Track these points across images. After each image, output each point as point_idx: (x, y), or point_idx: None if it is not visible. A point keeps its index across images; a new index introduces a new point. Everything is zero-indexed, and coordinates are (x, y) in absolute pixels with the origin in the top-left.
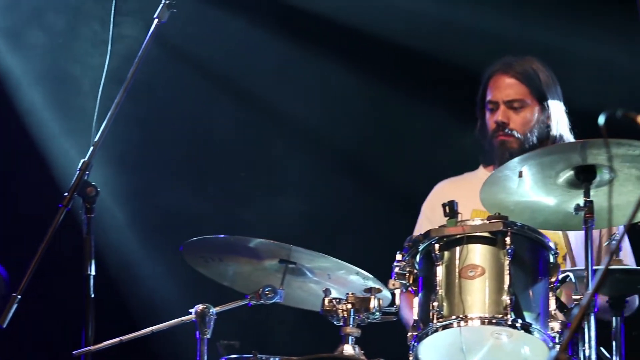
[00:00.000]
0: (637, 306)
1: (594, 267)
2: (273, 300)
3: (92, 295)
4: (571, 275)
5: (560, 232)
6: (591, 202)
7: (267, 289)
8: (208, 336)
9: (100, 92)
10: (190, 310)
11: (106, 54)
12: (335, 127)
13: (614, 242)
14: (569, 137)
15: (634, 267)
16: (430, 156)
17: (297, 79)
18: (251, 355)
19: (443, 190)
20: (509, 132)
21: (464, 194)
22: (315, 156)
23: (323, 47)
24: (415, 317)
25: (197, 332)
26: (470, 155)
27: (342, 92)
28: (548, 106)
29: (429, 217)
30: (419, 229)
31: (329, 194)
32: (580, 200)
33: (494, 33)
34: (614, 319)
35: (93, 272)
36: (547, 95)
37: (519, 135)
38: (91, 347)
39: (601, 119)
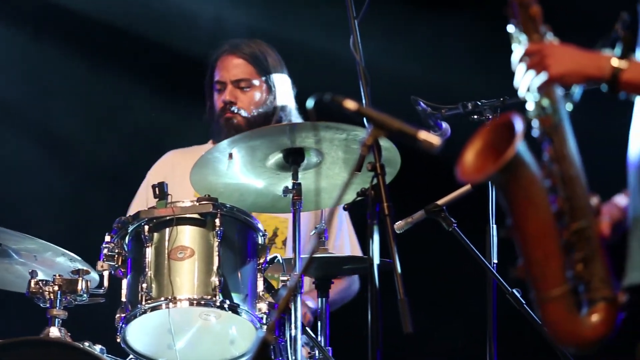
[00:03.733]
0: (358, 289)
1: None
2: None
3: None
4: (279, 256)
5: (288, 219)
6: (299, 184)
7: None
8: None
9: None
10: None
11: None
12: (43, 107)
13: (319, 230)
14: (296, 118)
15: (336, 254)
16: (148, 138)
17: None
18: None
19: (170, 159)
20: (236, 111)
21: (190, 165)
22: (24, 137)
23: (31, 25)
24: (124, 299)
25: None
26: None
27: (53, 71)
28: (274, 86)
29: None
30: (137, 199)
31: (37, 175)
32: (289, 183)
33: (219, 20)
34: (319, 300)
35: None
36: (273, 76)
37: (246, 115)
38: None
39: (310, 103)
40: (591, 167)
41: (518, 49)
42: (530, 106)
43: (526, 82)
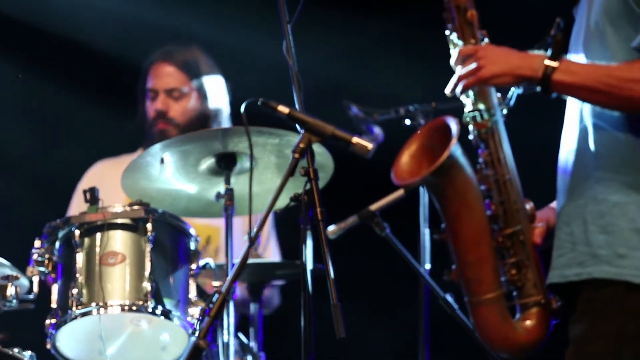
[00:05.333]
0: (278, 303)
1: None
2: None
3: None
4: (211, 262)
5: (220, 227)
6: (232, 189)
7: None
8: None
9: None
10: None
11: None
12: None
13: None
14: (231, 123)
15: (267, 260)
16: (77, 141)
17: None
18: None
19: (100, 170)
20: (169, 120)
21: (120, 175)
22: None
23: None
24: (54, 305)
25: None
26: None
27: None
28: (207, 92)
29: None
30: (70, 209)
31: None
32: (221, 188)
33: (148, 23)
34: (251, 305)
35: None
36: (206, 83)
37: (179, 124)
38: None
39: (242, 107)
40: (527, 171)
41: (455, 53)
42: (466, 110)
43: (461, 83)
